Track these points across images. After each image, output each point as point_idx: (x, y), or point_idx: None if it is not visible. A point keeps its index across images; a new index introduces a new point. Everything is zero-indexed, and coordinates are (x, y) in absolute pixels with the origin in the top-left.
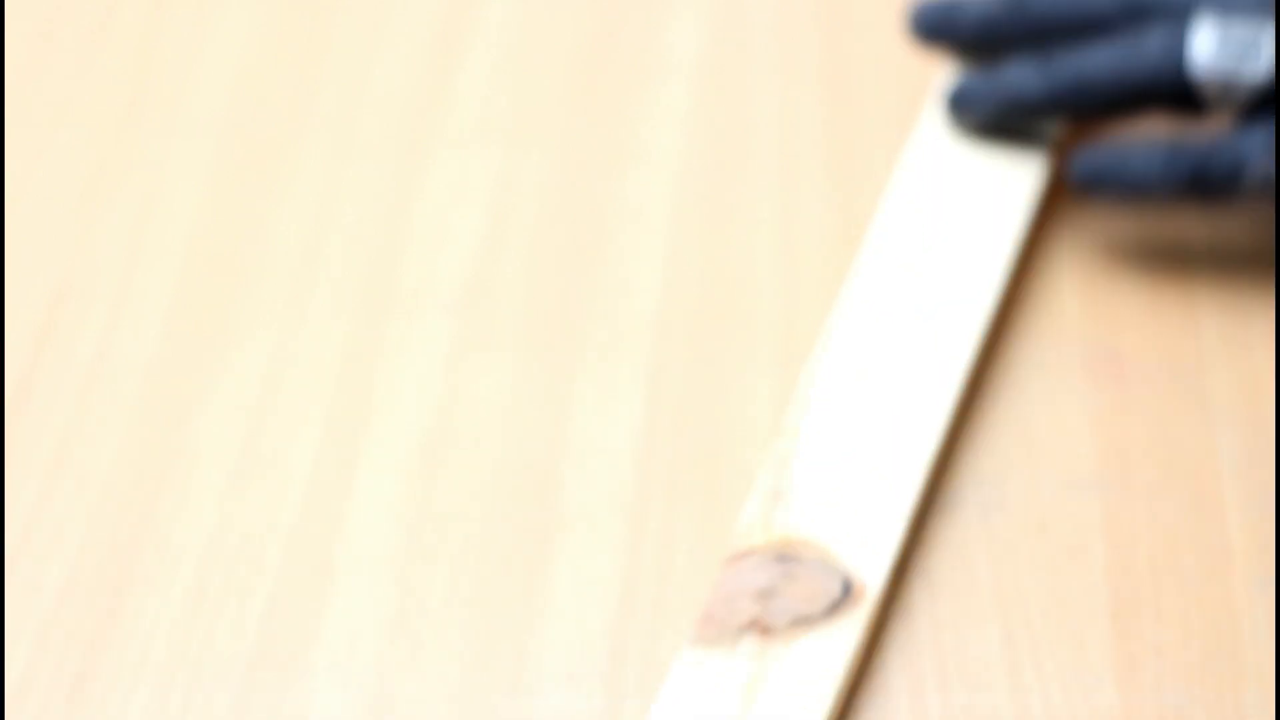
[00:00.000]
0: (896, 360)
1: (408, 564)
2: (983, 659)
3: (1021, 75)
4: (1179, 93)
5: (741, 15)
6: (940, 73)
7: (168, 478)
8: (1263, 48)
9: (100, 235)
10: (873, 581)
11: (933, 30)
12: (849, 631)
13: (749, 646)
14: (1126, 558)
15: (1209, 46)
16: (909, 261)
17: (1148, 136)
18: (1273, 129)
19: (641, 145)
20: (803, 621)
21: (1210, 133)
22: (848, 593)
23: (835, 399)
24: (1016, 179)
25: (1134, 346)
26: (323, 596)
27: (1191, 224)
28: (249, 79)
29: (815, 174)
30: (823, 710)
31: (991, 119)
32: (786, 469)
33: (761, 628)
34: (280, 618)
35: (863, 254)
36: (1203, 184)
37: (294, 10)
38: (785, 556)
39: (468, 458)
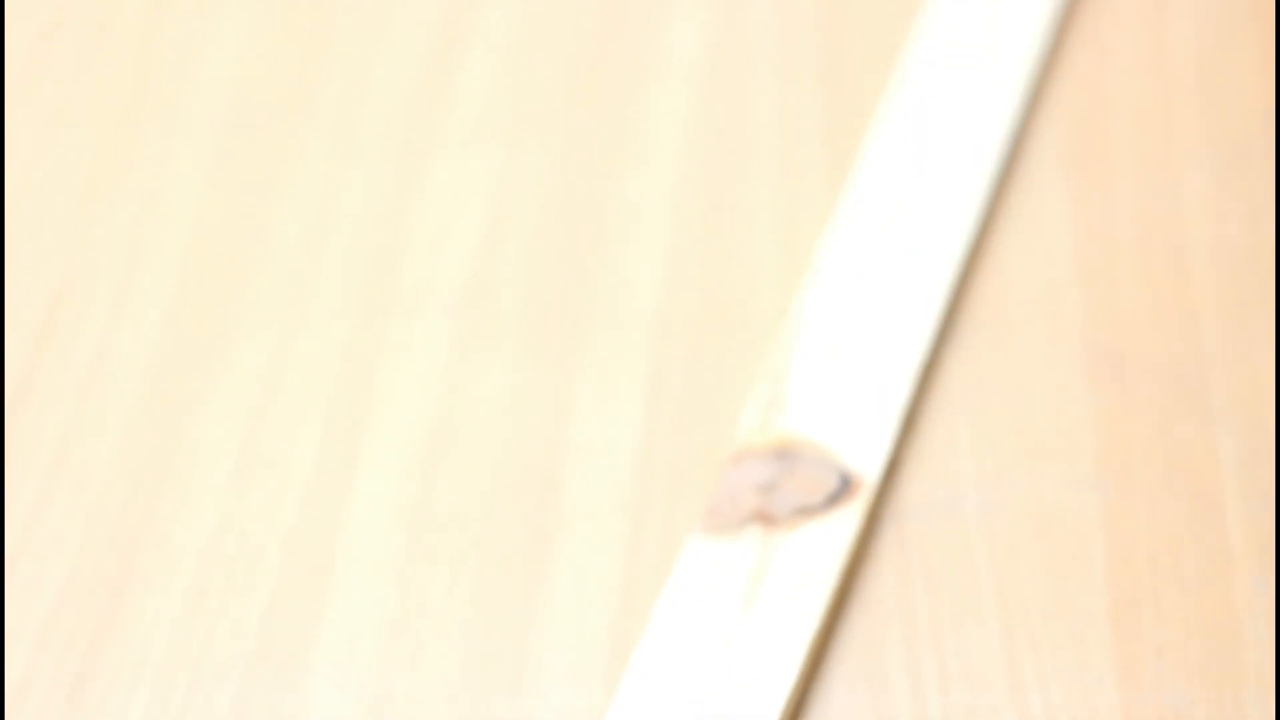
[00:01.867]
0: (884, 275)
1: (408, 564)
2: (983, 659)
3: None
4: None
5: (741, 15)
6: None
7: (168, 478)
8: None
9: (100, 235)
10: (869, 474)
11: None
12: (849, 519)
13: (753, 535)
14: (1126, 558)
15: None
16: (899, 178)
17: None
18: None
19: (641, 145)
20: (804, 511)
21: None
22: (846, 485)
23: (826, 314)
24: (1002, 95)
25: (1134, 346)
26: (323, 596)
27: (1191, 224)
28: (249, 79)
29: (815, 174)
30: (825, 595)
31: None
32: (782, 381)
33: (765, 518)
34: (280, 618)
35: (852, 175)
36: None
37: (294, 10)
38: (784, 454)
39: (468, 458)
